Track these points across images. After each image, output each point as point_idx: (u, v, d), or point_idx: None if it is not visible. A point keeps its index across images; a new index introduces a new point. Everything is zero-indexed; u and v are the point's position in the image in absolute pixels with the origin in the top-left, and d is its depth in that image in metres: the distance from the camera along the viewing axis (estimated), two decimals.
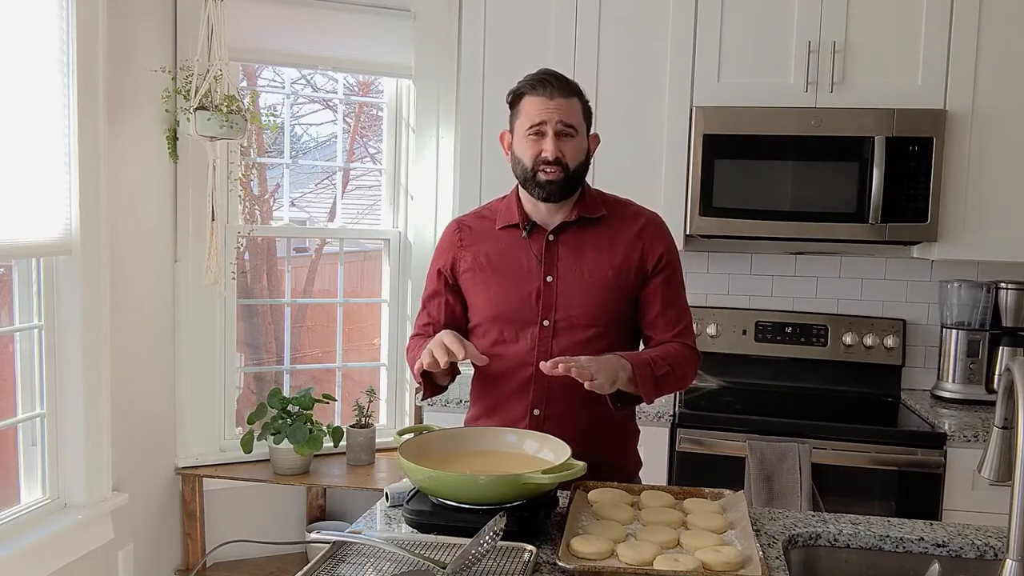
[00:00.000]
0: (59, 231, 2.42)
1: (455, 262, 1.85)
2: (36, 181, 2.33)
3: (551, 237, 1.79)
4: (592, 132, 1.81)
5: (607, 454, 1.81)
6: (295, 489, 3.30)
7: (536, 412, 1.78)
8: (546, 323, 1.77)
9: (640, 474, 1.95)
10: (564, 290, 1.77)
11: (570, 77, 1.78)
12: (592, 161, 1.84)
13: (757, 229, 2.75)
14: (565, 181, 1.73)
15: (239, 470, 3.08)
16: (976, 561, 1.52)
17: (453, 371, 1.81)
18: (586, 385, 1.58)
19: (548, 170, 1.72)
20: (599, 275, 1.77)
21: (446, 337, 1.65)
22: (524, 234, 1.79)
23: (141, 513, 2.88)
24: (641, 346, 1.87)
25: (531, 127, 1.72)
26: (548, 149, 1.71)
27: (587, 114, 1.78)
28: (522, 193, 1.82)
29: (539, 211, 1.80)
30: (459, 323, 1.88)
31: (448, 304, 1.87)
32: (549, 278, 1.77)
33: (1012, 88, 2.67)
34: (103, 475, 2.62)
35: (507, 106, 1.80)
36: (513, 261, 1.80)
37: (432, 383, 1.81)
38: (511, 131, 1.80)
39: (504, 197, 1.88)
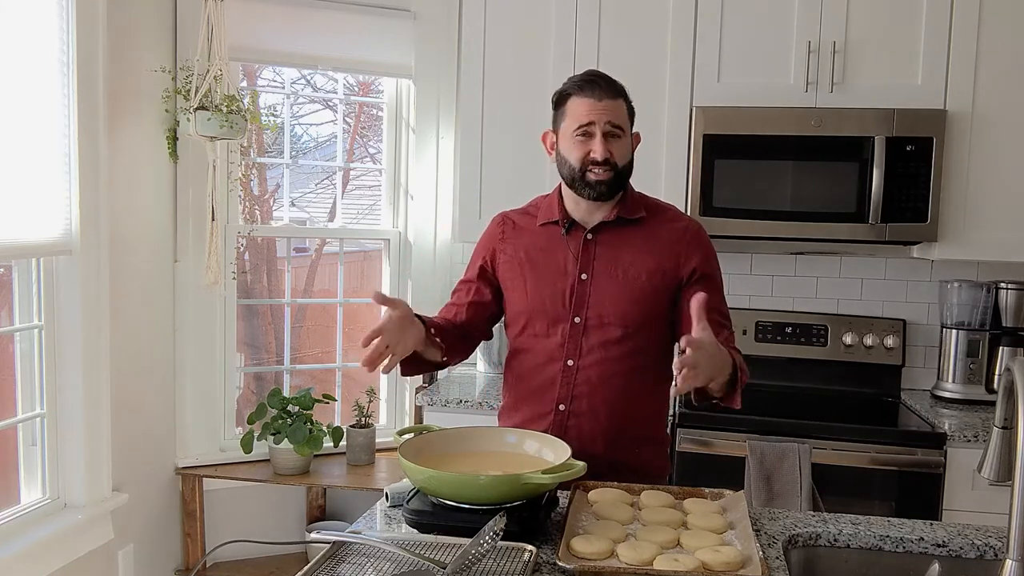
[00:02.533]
0: (59, 231, 2.42)
1: (495, 254, 1.89)
2: (36, 181, 2.33)
3: (589, 236, 1.81)
4: (634, 131, 1.82)
5: (633, 455, 1.81)
6: (295, 489, 3.30)
7: (561, 408, 1.80)
8: (577, 320, 1.79)
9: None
10: (597, 288, 1.78)
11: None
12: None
13: (757, 229, 2.75)
14: (614, 180, 1.75)
15: (239, 470, 3.08)
16: (976, 561, 1.52)
17: (439, 344, 1.76)
18: (682, 379, 1.50)
19: (597, 170, 1.74)
20: (633, 276, 1.78)
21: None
22: (563, 231, 1.82)
23: (141, 513, 2.88)
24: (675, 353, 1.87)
25: (579, 128, 1.73)
26: (597, 150, 1.72)
27: (631, 115, 1.80)
28: (564, 191, 1.84)
29: (579, 209, 1.82)
30: (485, 310, 1.91)
31: (478, 290, 1.90)
32: (584, 276, 1.79)
33: (1012, 88, 2.67)
34: (103, 475, 2.62)
35: (552, 106, 1.81)
36: (550, 257, 1.82)
37: (415, 358, 1.75)
38: (555, 131, 1.81)
39: (548, 195, 1.90)
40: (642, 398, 1.82)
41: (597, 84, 1.73)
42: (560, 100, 1.78)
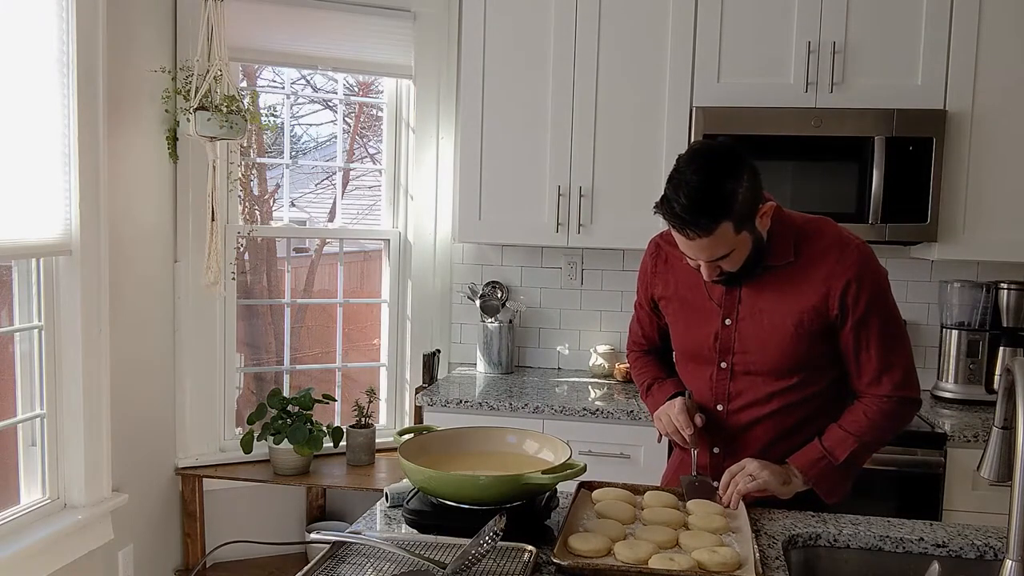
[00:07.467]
0: (59, 231, 2.42)
1: (651, 289, 1.88)
2: (36, 181, 2.33)
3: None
4: (762, 211, 1.61)
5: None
6: (295, 489, 3.29)
7: (716, 450, 1.80)
8: (724, 365, 1.76)
9: (643, 476, 1.95)
10: (742, 335, 1.73)
11: (708, 191, 1.53)
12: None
13: None
14: (733, 277, 1.68)
15: (239, 470, 3.08)
16: (976, 561, 1.52)
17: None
18: (752, 486, 1.63)
19: (709, 277, 1.68)
20: (778, 323, 1.68)
21: (677, 417, 1.71)
22: None
23: (141, 513, 2.88)
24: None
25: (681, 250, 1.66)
26: (704, 274, 1.67)
27: (743, 221, 1.57)
28: None
29: None
30: (665, 329, 1.93)
31: (650, 316, 1.93)
32: (728, 321, 1.74)
33: (1012, 88, 2.67)
34: (103, 475, 2.62)
35: None
36: (698, 297, 1.78)
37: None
38: None
39: None
40: (796, 433, 1.74)
41: (686, 226, 1.55)
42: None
